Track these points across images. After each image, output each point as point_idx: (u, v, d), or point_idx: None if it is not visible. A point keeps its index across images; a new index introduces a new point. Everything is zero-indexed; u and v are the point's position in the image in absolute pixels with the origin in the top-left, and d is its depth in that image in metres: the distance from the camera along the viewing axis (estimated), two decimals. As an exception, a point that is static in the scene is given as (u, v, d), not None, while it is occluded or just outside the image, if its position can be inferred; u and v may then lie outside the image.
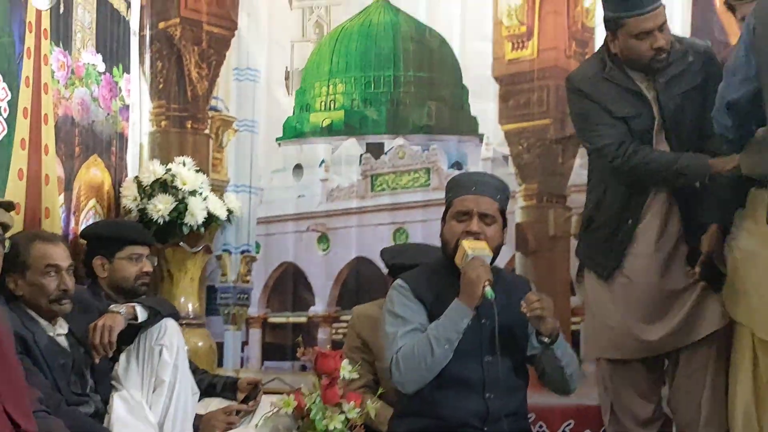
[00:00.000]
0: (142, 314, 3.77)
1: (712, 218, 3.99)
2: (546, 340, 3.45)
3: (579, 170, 4.98)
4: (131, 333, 3.77)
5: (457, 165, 5.38)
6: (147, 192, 4.88)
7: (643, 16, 3.95)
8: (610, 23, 4.06)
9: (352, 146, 5.56)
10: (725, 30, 4.86)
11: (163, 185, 4.89)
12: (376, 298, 4.41)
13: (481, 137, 5.36)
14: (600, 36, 5.03)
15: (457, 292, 3.42)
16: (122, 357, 3.78)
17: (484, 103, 5.36)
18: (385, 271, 4.51)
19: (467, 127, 5.40)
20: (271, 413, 3.54)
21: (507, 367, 3.49)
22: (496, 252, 3.53)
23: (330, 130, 5.63)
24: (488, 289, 3.36)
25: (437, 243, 3.68)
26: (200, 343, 5.02)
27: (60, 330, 3.71)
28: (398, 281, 3.59)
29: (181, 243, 4.91)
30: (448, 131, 5.44)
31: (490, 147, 5.32)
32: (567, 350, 3.55)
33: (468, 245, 3.43)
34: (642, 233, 4.07)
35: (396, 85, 5.51)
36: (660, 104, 4.05)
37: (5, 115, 4.10)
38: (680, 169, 3.92)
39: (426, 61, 5.48)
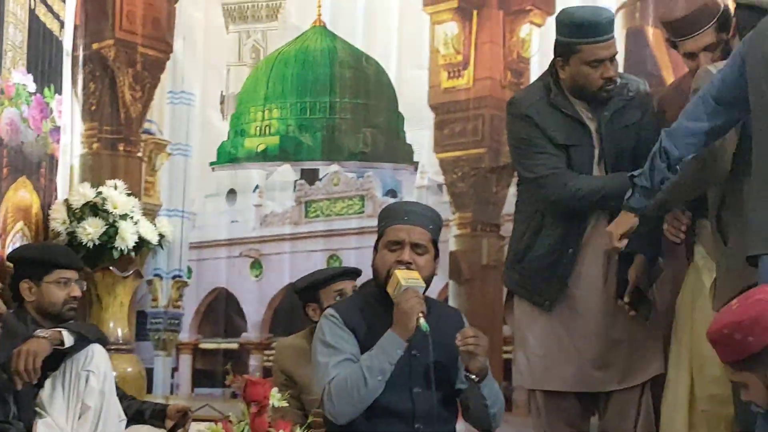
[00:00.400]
0: (68, 339, 3.71)
1: (639, 248, 4.03)
2: (474, 378, 3.44)
3: (513, 199, 4.96)
4: (57, 358, 3.70)
5: (392, 192, 5.38)
6: (77, 215, 4.83)
7: (599, 44, 3.98)
8: (563, 48, 4.07)
9: (286, 172, 5.54)
10: (658, 64, 4.93)
11: (94, 208, 4.84)
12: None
13: (416, 165, 5.37)
14: (535, 67, 5.10)
15: (389, 322, 3.40)
16: (47, 383, 3.71)
17: (419, 131, 5.37)
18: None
19: (402, 154, 5.41)
20: (198, 441, 3.49)
21: (437, 398, 3.48)
22: (427, 282, 3.52)
23: (265, 156, 5.60)
24: (422, 322, 3.34)
25: (370, 270, 3.67)
26: (129, 369, 4.95)
27: (-18, 355, 3.63)
28: (329, 310, 3.56)
29: (111, 267, 4.86)
30: (383, 158, 5.44)
31: (424, 175, 5.33)
32: (494, 389, 3.53)
33: (401, 275, 3.42)
34: (585, 264, 4.08)
35: (332, 111, 5.50)
36: (601, 137, 4.08)
37: (-69, 133, 4.03)
38: (609, 193, 3.96)
39: (362, 88, 5.48)
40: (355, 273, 4.35)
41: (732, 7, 3.86)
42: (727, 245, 3.58)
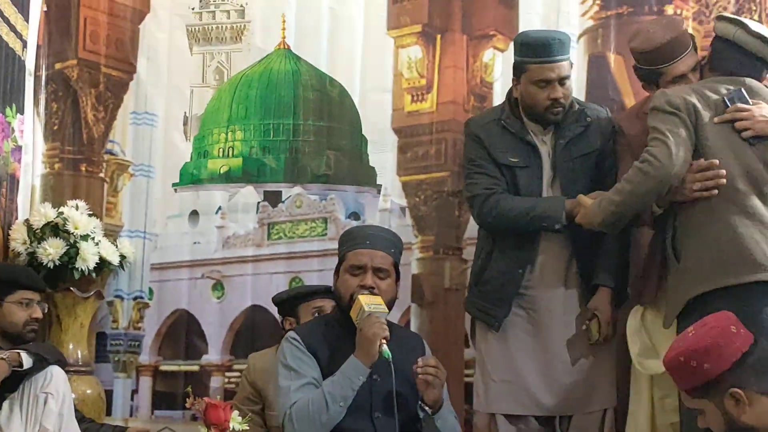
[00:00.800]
0: (27, 361, 3.69)
1: (604, 281, 4.07)
2: (428, 409, 3.44)
3: (475, 223, 5.02)
4: (16, 380, 3.67)
5: (355, 215, 5.39)
6: (37, 235, 4.79)
7: (546, 64, 4.02)
8: (515, 67, 4.14)
9: (249, 194, 5.53)
10: (619, 90, 4.97)
11: (55, 229, 4.80)
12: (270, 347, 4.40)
13: (379, 188, 5.37)
14: (498, 91, 5.14)
15: (351, 346, 3.40)
16: (5, 405, 3.69)
17: (382, 154, 5.38)
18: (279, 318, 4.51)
19: (365, 177, 5.42)
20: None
21: (398, 424, 3.47)
22: (389, 306, 3.53)
23: (227, 177, 5.59)
24: (385, 348, 3.35)
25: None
26: (88, 391, 4.90)
27: (-60, 376, 3.60)
28: (291, 333, 3.57)
29: (72, 288, 4.83)
30: (346, 181, 5.44)
31: (387, 198, 5.34)
32: (449, 422, 3.52)
33: (364, 300, 3.42)
34: (541, 287, 4.10)
35: (295, 133, 5.50)
36: (555, 163, 4.11)
37: None
38: (538, 215, 3.99)
39: (326, 111, 5.49)
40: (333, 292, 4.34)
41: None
42: (680, 263, 3.63)
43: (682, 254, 3.63)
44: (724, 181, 3.62)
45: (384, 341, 3.35)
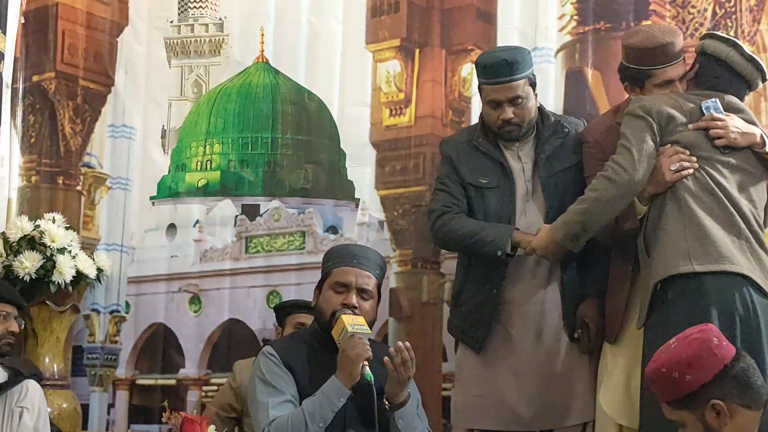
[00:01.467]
0: (2, 375, 3.67)
1: (592, 290, 4.08)
2: (386, 404, 3.42)
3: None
4: (-10, 394, 3.65)
5: (333, 229, 5.38)
6: (14, 248, 4.77)
7: (493, 86, 4.06)
8: (478, 87, 4.19)
9: (227, 207, 5.53)
10: (597, 104, 4.99)
11: (31, 242, 4.78)
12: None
13: (357, 202, 5.37)
14: (476, 106, 5.13)
15: (328, 363, 3.39)
16: (-20, 419, 3.65)
17: (361, 168, 5.38)
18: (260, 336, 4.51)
19: (344, 191, 5.42)
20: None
21: None
22: (370, 327, 3.52)
23: (205, 191, 5.58)
24: (367, 371, 3.33)
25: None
26: (64, 405, 4.88)
27: None
28: (267, 348, 3.55)
29: (48, 301, 4.80)
30: (324, 195, 5.44)
31: (366, 212, 5.34)
32: (411, 424, 3.48)
33: (347, 320, 3.40)
34: (517, 303, 4.10)
35: (273, 147, 5.50)
36: (539, 178, 4.11)
37: None
38: (482, 239, 4.01)
39: (304, 124, 5.49)
40: None
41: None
42: (649, 257, 3.67)
43: (651, 247, 3.68)
44: (696, 165, 3.70)
45: (366, 362, 3.34)
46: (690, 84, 3.99)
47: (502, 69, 4.05)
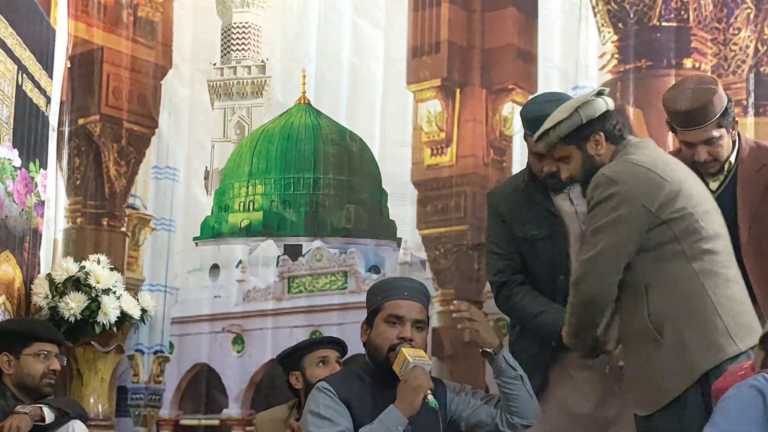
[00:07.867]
0: (49, 415, 3.70)
1: None
2: (490, 351, 3.52)
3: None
4: (37, 435, 3.68)
5: (375, 269, 5.39)
6: (59, 290, 4.81)
7: (532, 138, 3.93)
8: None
9: (269, 247, 5.55)
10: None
11: (76, 283, 4.82)
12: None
13: (398, 241, 5.38)
14: (518, 145, 5.16)
15: (385, 398, 3.39)
16: (27, 459, 3.68)
17: (402, 208, 5.40)
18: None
19: (385, 231, 5.43)
20: None
21: None
22: None
23: (248, 231, 5.61)
24: (431, 398, 3.37)
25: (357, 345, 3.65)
26: (109, 445, 4.90)
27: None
28: (321, 383, 3.55)
29: (93, 342, 4.83)
30: (366, 234, 5.46)
31: (407, 251, 5.35)
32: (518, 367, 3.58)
33: (408, 353, 3.43)
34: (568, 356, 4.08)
35: (315, 187, 5.53)
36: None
37: None
38: (538, 324, 4.00)
39: (346, 164, 5.52)
40: (337, 343, 4.33)
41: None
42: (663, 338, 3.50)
43: (665, 329, 3.48)
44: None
45: (429, 392, 3.36)
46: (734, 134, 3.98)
47: (535, 124, 3.95)
